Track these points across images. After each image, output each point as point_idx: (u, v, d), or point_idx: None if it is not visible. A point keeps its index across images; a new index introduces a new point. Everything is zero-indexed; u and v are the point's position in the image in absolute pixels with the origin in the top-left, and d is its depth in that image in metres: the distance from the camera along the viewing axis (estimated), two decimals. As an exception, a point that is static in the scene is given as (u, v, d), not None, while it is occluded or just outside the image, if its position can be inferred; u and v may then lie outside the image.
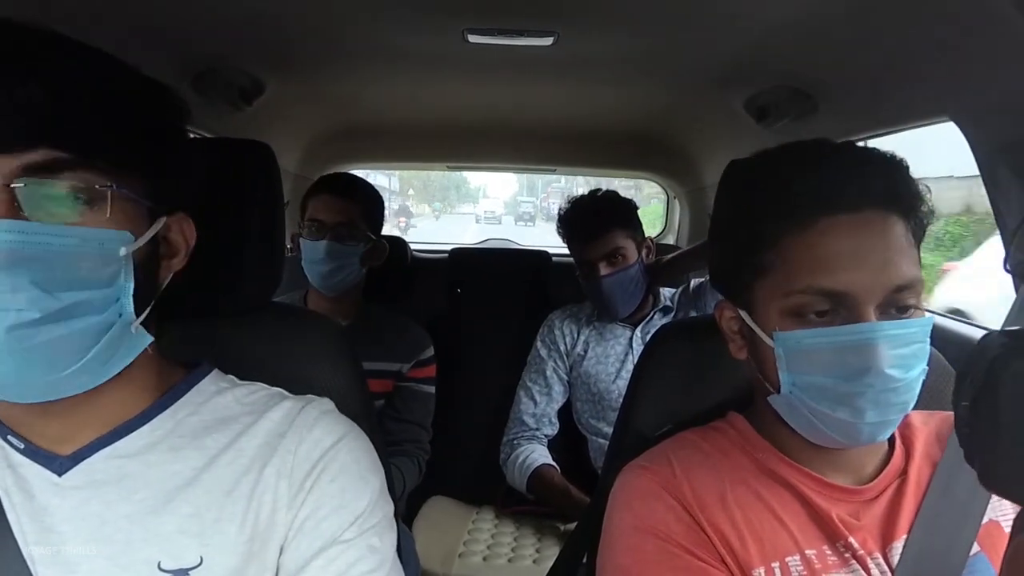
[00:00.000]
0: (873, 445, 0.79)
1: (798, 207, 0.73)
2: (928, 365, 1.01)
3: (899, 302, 0.71)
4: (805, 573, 0.74)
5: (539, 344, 1.96)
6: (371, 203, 1.74)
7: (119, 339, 0.61)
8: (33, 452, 0.65)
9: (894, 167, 0.75)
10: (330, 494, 0.69)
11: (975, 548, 0.75)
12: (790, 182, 0.75)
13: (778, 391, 0.76)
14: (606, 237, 1.77)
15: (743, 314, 0.79)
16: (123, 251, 0.59)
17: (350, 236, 1.65)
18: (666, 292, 1.93)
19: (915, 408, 0.88)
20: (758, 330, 0.76)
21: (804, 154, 0.77)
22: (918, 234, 0.75)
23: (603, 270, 1.77)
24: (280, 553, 0.68)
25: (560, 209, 1.89)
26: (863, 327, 0.70)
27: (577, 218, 1.83)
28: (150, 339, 0.64)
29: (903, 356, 0.70)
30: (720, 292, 0.85)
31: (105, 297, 0.59)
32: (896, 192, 0.73)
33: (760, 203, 0.77)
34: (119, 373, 0.63)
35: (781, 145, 0.79)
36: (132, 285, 0.60)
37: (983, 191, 1.12)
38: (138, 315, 0.62)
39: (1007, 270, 0.98)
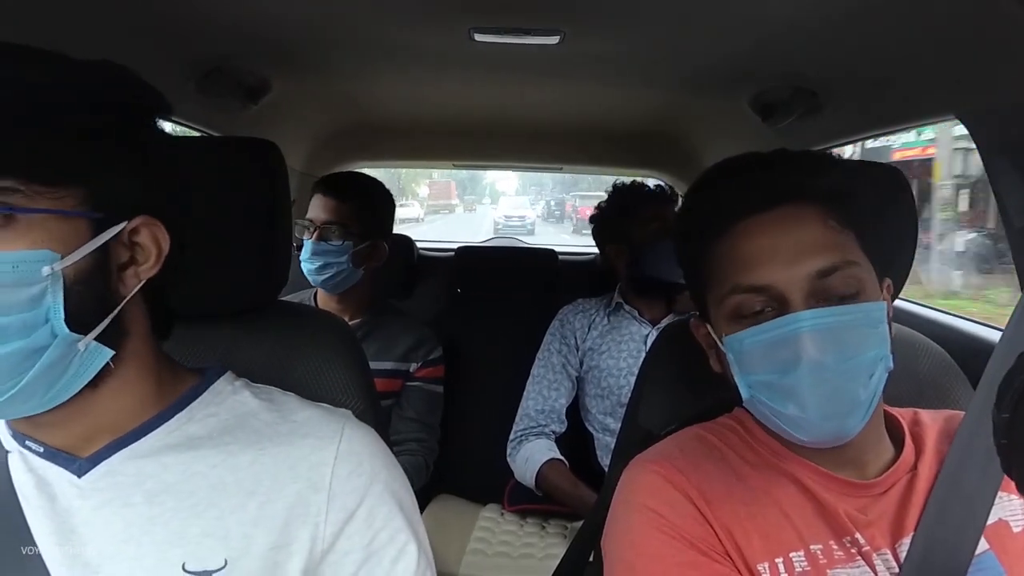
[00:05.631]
0: (877, 441, 0.80)
1: (717, 216, 0.79)
2: (932, 361, 1.02)
3: (831, 288, 0.73)
4: (809, 568, 0.74)
5: (550, 338, 1.96)
6: (368, 203, 1.71)
7: (63, 359, 0.58)
8: (52, 454, 0.65)
9: (805, 161, 0.81)
10: (364, 528, 0.68)
11: (984, 546, 0.74)
12: (710, 195, 0.83)
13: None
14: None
15: (708, 327, 0.82)
16: (46, 271, 0.56)
17: (336, 235, 1.64)
18: None
19: (920, 406, 0.89)
20: (716, 339, 0.80)
21: (724, 168, 0.83)
22: (854, 219, 0.77)
23: None
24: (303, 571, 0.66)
25: (607, 191, 2.00)
26: (786, 319, 0.72)
27: (643, 186, 1.97)
28: (110, 353, 0.62)
29: (838, 343, 0.71)
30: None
31: (27, 321, 0.56)
32: (808, 184, 0.77)
33: (692, 221, 0.85)
34: (110, 383, 0.63)
35: (714, 164, 0.84)
36: (61, 304, 0.57)
37: None
38: (89, 331, 0.59)
39: None
